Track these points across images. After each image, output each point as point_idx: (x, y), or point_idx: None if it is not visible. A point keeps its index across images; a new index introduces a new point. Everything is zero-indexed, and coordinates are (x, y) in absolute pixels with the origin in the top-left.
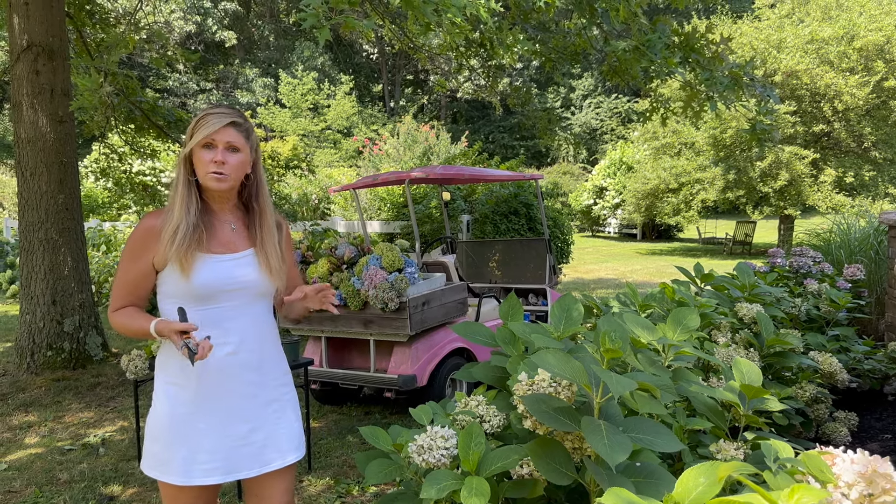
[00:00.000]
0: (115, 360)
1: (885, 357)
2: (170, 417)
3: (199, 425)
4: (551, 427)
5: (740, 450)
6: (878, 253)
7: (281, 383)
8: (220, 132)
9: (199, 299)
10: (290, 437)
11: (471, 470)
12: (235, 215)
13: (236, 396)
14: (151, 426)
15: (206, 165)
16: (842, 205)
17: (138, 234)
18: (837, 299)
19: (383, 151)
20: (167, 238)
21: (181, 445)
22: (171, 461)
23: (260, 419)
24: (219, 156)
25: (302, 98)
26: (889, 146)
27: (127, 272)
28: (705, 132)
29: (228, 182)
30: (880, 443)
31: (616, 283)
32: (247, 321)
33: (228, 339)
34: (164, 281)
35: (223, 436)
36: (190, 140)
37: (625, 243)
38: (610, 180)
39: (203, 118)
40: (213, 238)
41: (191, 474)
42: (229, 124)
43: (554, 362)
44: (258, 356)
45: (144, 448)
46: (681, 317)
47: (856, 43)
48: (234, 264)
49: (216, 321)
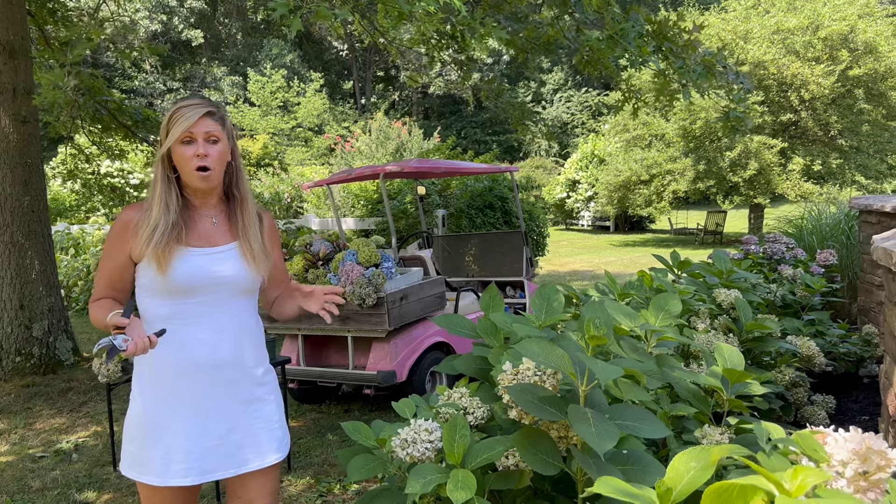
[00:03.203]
0: (87, 364)
1: (860, 340)
2: (145, 416)
3: (174, 424)
4: (537, 417)
5: (725, 434)
6: (850, 238)
7: (261, 382)
8: (198, 124)
9: (175, 294)
10: (270, 437)
11: (456, 463)
12: (217, 209)
13: (213, 395)
14: (128, 425)
15: (190, 161)
16: (810, 193)
17: (116, 228)
18: (813, 284)
19: (355, 149)
20: (144, 236)
21: (157, 445)
22: (147, 461)
23: (238, 419)
24: (200, 149)
25: (271, 96)
26: (854, 134)
27: (106, 265)
28: (675, 124)
29: (214, 177)
30: (858, 424)
31: (591, 274)
32: (225, 317)
33: (205, 335)
34: (141, 275)
35: (199, 436)
36: (166, 138)
37: (598, 235)
38: (582, 173)
39: (177, 112)
40: (191, 232)
41: (167, 475)
42: (205, 115)
43: (538, 351)
44: (236, 354)
45: (122, 448)
46: (662, 302)
47: (820, 33)
48: (213, 258)
49: (193, 316)
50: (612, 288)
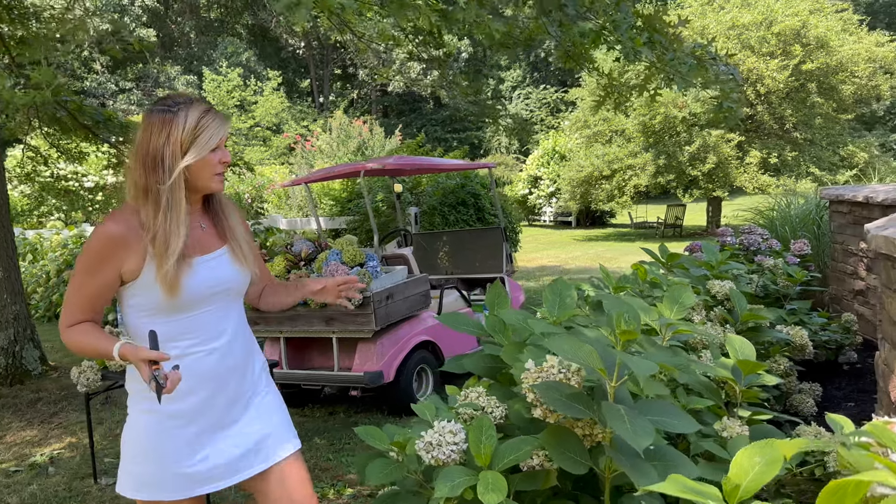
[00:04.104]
0: (56, 373)
1: (839, 328)
2: (157, 433)
3: (191, 437)
4: (566, 414)
5: (745, 427)
6: (820, 227)
7: (262, 378)
8: (226, 132)
9: (181, 309)
10: (283, 429)
11: (484, 465)
12: (201, 213)
13: (226, 400)
14: (133, 444)
15: (214, 167)
16: (767, 185)
17: (99, 244)
18: (795, 274)
19: (316, 147)
20: (159, 254)
21: (175, 460)
22: (163, 479)
23: (254, 416)
24: (227, 156)
25: (228, 95)
26: (808, 127)
27: (84, 285)
28: (635, 119)
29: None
30: (845, 411)
31: (559, 269)
32: (227, 322)
33: (213, 344)
34: (136, 293)
35: (222, 441)
36: (193, 147)
37: (561, 231)
38: (544, 169)
39: (204, 122)
40: (188, 242)
41: (189, 487)
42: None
43: (567, 347)
44: (243, 357)
45: (124, 469)
46: (677, 295)
47: (774, 28)
48: (211, 265)
49: (201, 326)
50: (607, 282)
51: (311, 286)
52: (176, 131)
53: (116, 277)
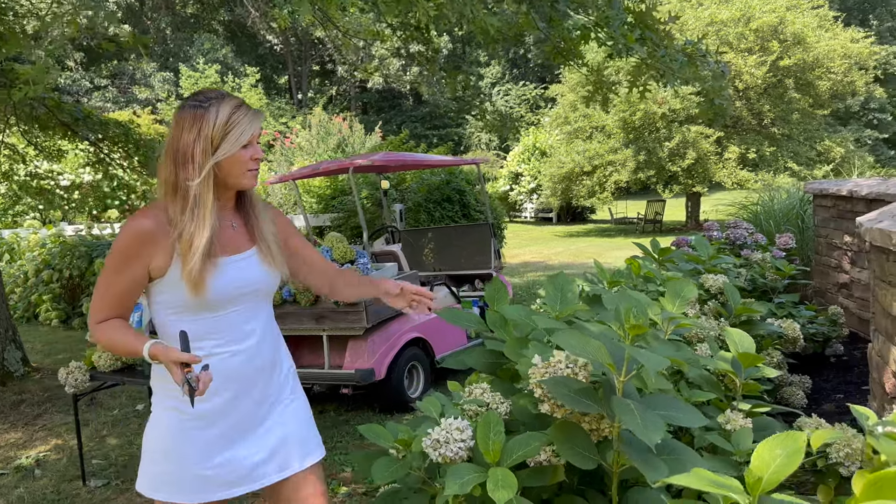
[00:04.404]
0: (38, 375)
1: (826, 321)
2: (178, 433)
3: (212, 438)
4: (575, 409)
5: (747, 420)
6: (804, 221)
7: (289, 382)
8: (258, 127)
9: (205, 308)
10: (306, 436)
11: (493, 461)
12: (232, 212)
13: (250, 404)
14: (153, 443)
15: (245, 164)
16: (746, 180)
17: (129, 239)
18: (783, 268)
19: (295, 145)
20: (184, 251)
21: (195, 461)
22: (181, 480)
23: (276, 422)
24: (259, 152)
25: None
26: (786, 122)
27: (114, 282)
28: (615, 115)
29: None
30: (834, 403)
31: (543, 265)
32: (257, 325)
33: (239, 345)
34: (163, 290)
35: (241, 445)
36: (224, 143)
37: (542, 227)
38: (525, 166)
39: (235, 117)
40: (218, 241)
41: (207, 490)
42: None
43: (575, 342)
44: (270, 360)
45: (145, 468)
46: (678, 289)
47: (752, 24)
48: (242, 265)
49: (228, 327)
50: (601, 277)
51: (389, 287)
52: (207, 127)
53: (145, 274)
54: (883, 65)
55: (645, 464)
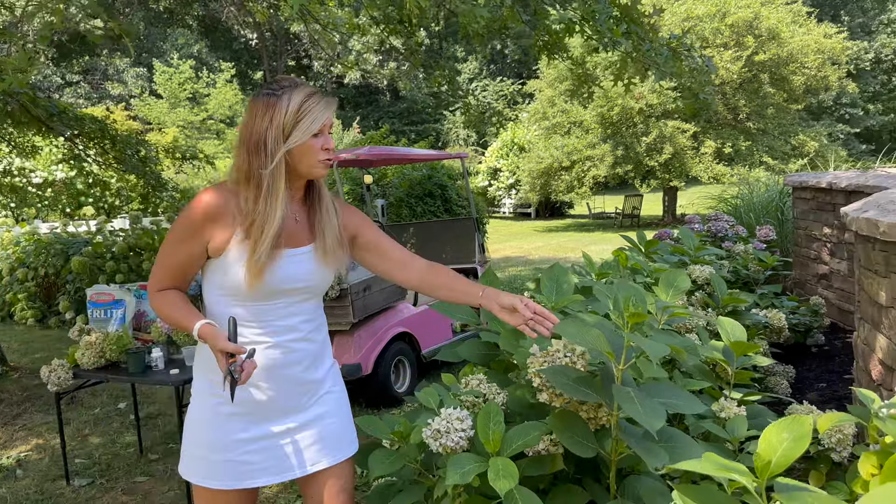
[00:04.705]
0: (16, 374)
1: (808, 311)
2: (212, 418)
3: (246, 426)
4: (575, 398)
5: (741, 407)
6: (783, 214)
7: (328, 376)
8: (330, 117)
9: (255, 297)
10: (341, 432)
11: (493, 451)
12: (300, 205)
13: (285, 395)
14: (190, 426)
15: (317, 154)
16: (722, 174)
17: (195, 213)
18: (766, 259)
19: None
20: (254, 239)
21: (226, 447)
22: (214, 464)
23: (309, 416)
24: (330, 142)
25: (179, 87)
26: (761, 117)
27: (173, 254)
28: (593, 111)
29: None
30: (818, 392)
31: (524, 260)
32: (302, 319)
33: (281, 338)
34: (216, 270)
35: (272, 435)
36: (295, 131)
37: (521, 222)
38: (503, 161)
39: (308, 105)
40: (283, 232)
41: (238, 477)
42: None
43: (574, 331)
44: (310, 355)
45: (183, 451)
46: (672, 279)
47: (727, 19)
48: (297, 260)
49: (273, 319)
50: (590, 269)
51: (503, 301)
52: (279, 115)
53: (203, 251)
54: (854, 60)
55: (645, 451)
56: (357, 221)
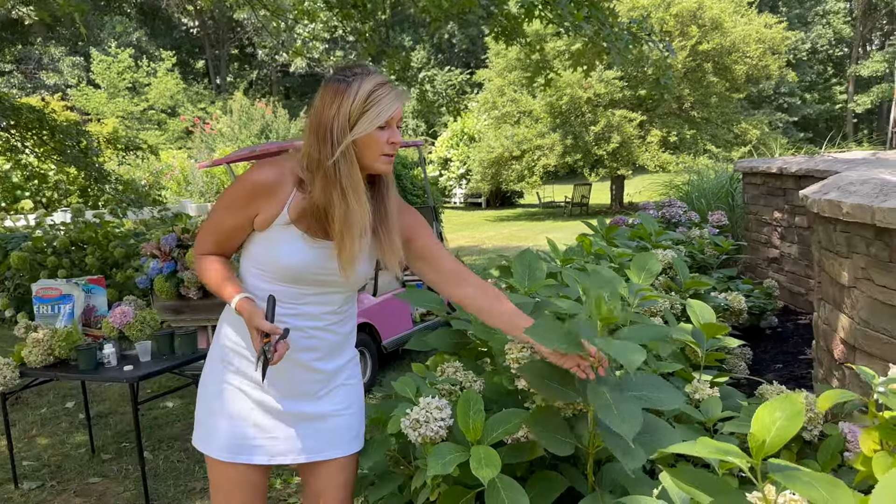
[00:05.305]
0: None
1: (762, 294)
2: (221, 386)
3: (251, 401)
4: (551, 398)
5: (715, 389)
6: (734, 199)
7: (345, 369)
8: (399, 109)
9: (291, 280)
10: (350, 426)
11: (473, 440)
12: None
13: (292, 379)
14: (205, 395)
15: (382, 147)
16: (668, 162)
17: (248, 186)
18: (721, 244)
19: (216, 131)
20: (338, 233)
21: (239, 421)
22: (217, 433)
23: (319, 407)
24: (396, 135)
25: (119, 77)
26: (705, 106)
27: (221, 220)
28: (542, 100)
29: (393, 162)
30: (775, 373)
31: (478, 249)
32: (329, 308)
33: (302, 322)
34: (257, 244)
35: (276, 416)
36: (361, 121)
37: (472, 212)
38: (454, 151)
39: (375, 94)
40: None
41: (236, 450)
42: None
43: (548, 334)
44: (329, 344)
45: (196, 419)
46: (643, 263)
47: (672, 9)
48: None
49: (304, 303)
50: (554, 255)
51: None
52: (346, 103)
53: (248, 224)
54: (792, 50)
55: (622, 451)
56: (413, 223)
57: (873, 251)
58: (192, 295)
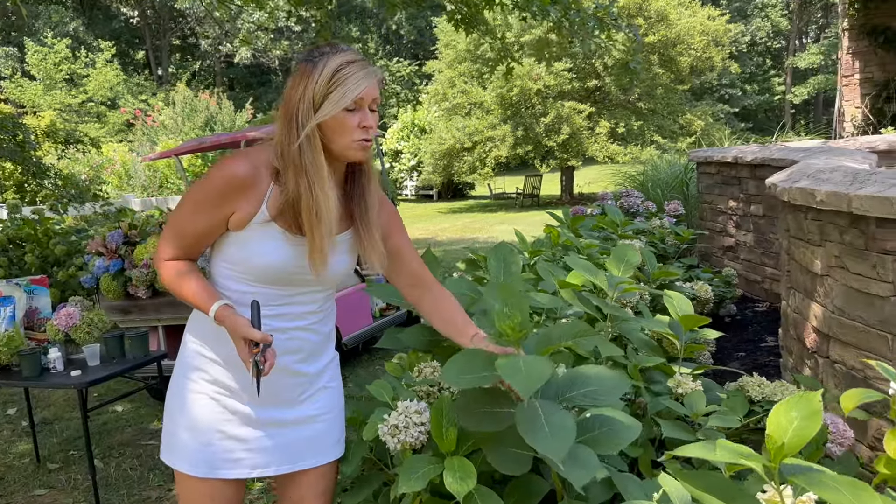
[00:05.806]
0: None
1: (721, 282)
2: (194, 396)
3: (228, 412)
4: (482, 424)
5: (697, 382)
6: (688, 188)
7: (326, 371)
8: (369, 90)
9: (268, 281)
10: (330, 432)
11: (448, 451)
12: (337, 189)
13: (274, 385)
14: (171, 405)
15: (352, 132)
16: (616, 153)
17: (220, 182)
18: (682, 233)
19: (158, 123)
20: (307, 226)
21: (205, 430)
22: (192, 448)
23: (299, 413)
24: (368, 119)
25: (55, 68)
26: (651, 97)
27: (189, 222)
28: (493, 92)
29: (370, 149)
30: (739, 361)
31: (433, 241)
32: (310, 308)
33: (281, 323)
34: (231, 244)
35: (255, 426)
36: (325, 102)
37: (424, 204)
38: (404, 143)
39: (342, 73)
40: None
41: (215, 465)
42: (376, 80)
43: (464, 367)
44: (310, 345)
45: (164, 433)
46: (622, 254)
47: (619, 2)
48: (339, 249)
49: (280, 302)
50: (522, 247)
51: (491, 350)
52: (311, 84)
53: (222, 223)
54: (733, 42)
55: (568, 468)
56: (390, 220)
57: (848, 239)
58: (140, 294)
